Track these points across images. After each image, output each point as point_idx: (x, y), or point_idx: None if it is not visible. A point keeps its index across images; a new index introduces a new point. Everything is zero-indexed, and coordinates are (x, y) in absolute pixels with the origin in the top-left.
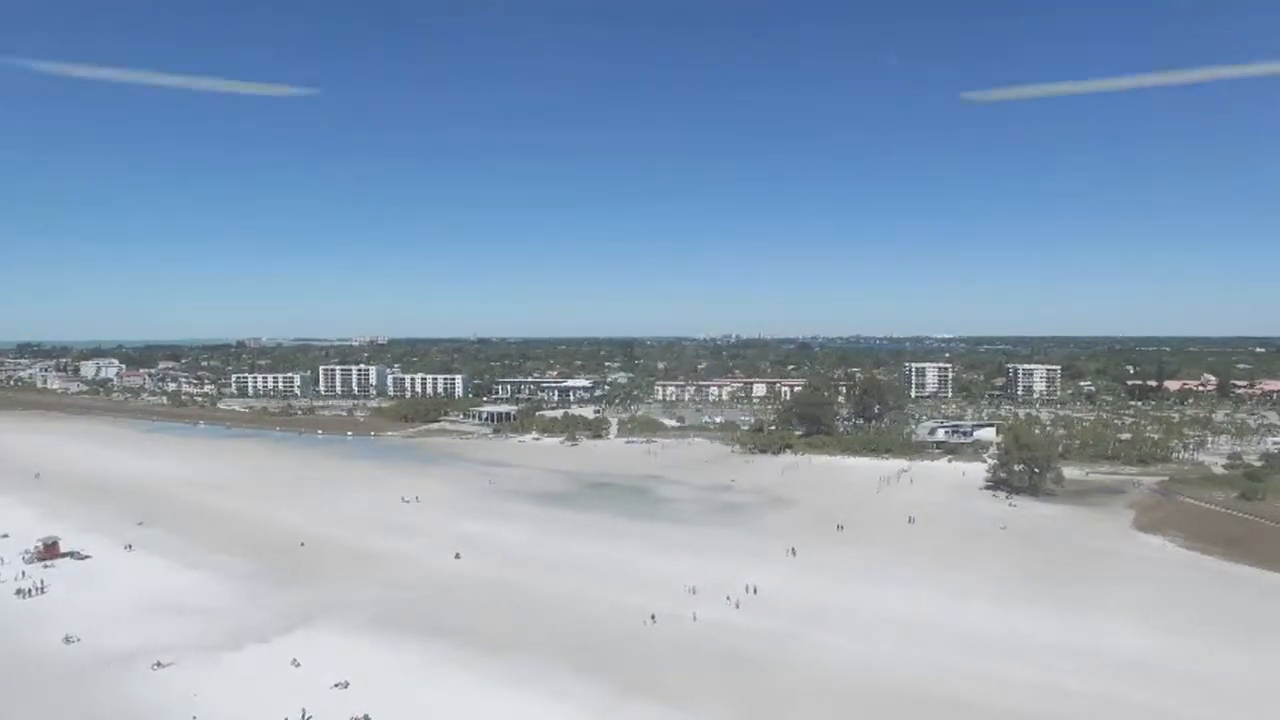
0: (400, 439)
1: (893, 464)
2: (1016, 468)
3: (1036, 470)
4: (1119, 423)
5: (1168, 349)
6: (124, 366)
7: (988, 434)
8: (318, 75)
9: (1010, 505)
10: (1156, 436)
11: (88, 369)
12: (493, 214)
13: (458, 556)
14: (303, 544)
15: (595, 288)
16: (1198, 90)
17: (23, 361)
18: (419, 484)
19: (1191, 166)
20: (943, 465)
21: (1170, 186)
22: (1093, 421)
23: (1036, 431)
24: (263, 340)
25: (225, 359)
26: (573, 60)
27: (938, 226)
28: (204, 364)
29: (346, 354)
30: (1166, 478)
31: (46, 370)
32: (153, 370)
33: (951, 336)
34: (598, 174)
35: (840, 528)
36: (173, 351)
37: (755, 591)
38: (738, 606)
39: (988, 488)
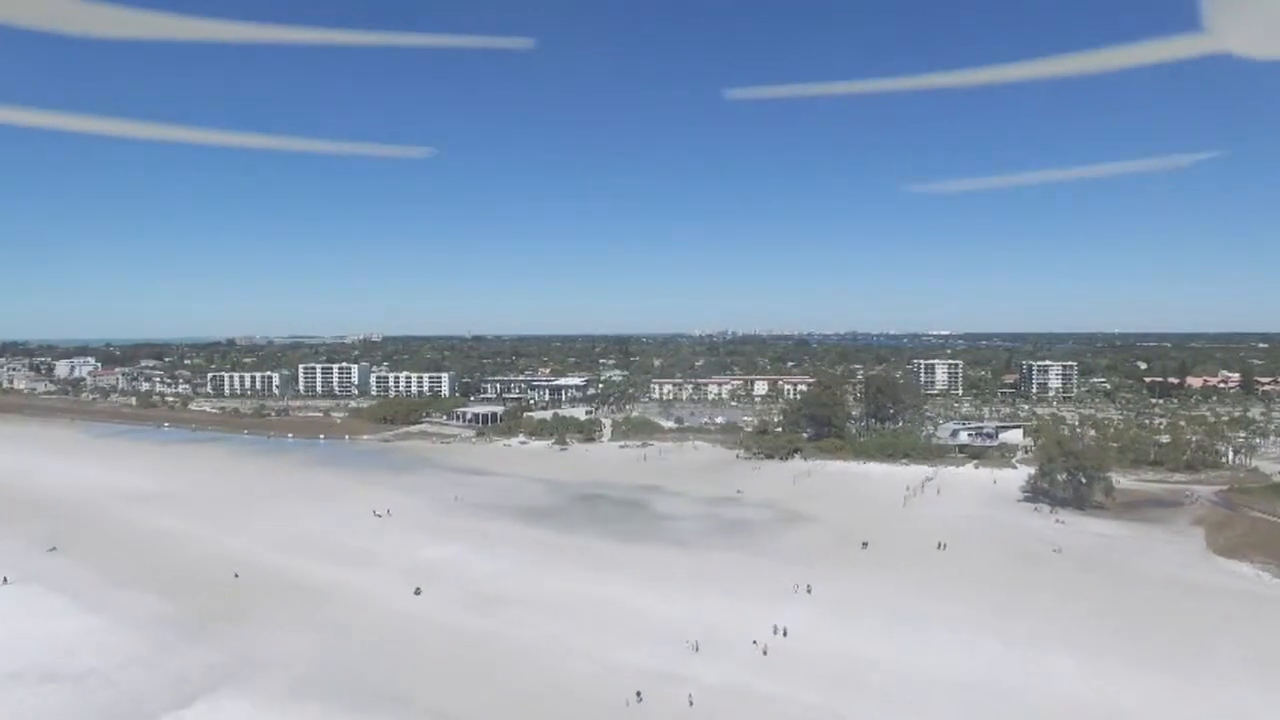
0: (376, 443)
1: (914, 470)
2: (1060, 477)
3: (1084, 480)
4: (1149, 423)
5: (1169, 344)
6: (100, 365)
7: (1014, 436)
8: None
9: (1058, 522)
10: (1197, 439)
11: (62, 368)
12: (489, 210)
13: (417, 592)
14: (237, 575)
15: (590, 284)
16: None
17: None
18: (386, 496)
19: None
20: (969, 472)
21: (1167, 181)
22: (1124, 422)
23: (1065, 432)
24: (254, 338)
25: (210, 357)
26: (565, 55)
27: (934, 222)
28: (186, 362)
29: (336, 351)
30: (1224, 487)
31: (15, 369)
32: (128, 369)
33: (950, 333)
34: (596, 172)
35: (865, 545)
36: (158, 350)
37: (785, 634)
38: (765, 652)
39: (1025, 499)
